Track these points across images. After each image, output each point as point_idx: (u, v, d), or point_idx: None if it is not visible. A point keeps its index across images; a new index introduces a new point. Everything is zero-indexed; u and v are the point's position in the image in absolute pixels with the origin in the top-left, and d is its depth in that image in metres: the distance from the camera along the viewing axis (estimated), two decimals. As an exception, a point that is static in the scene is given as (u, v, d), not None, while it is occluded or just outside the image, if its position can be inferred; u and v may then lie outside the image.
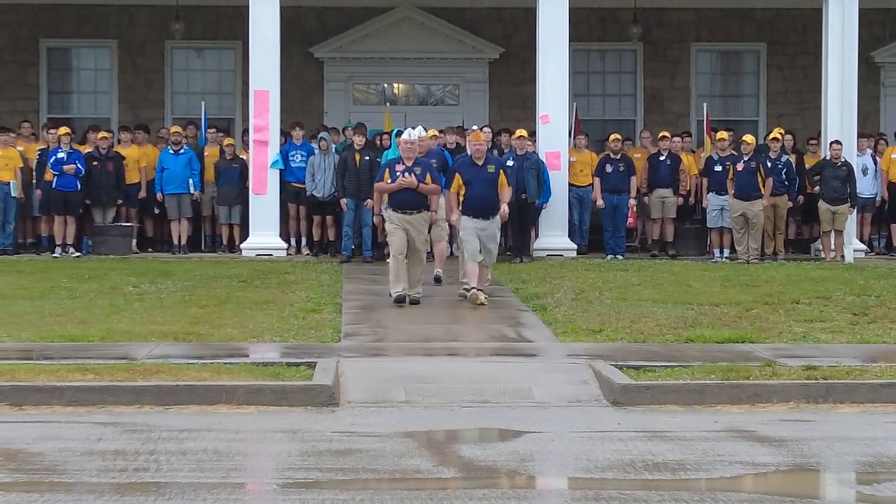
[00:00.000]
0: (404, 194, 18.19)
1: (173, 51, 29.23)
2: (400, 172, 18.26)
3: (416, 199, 18.26)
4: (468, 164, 18.63)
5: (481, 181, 18.36)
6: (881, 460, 10.19)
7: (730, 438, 11.02)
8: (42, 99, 29.04)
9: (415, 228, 18.15)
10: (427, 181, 18.32)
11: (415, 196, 18.23)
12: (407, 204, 18.21)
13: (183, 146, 24.85)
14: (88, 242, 24.47)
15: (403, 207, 18.21)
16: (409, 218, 18.16)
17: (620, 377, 13.03)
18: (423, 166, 18.46)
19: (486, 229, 18.31)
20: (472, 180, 18.33)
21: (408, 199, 18.21)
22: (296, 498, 8.86)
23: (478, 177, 18.37)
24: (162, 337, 15.15)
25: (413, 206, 18.23)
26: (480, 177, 18.37)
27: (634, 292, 18.92)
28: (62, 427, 11.35)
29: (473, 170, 18.44)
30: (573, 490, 9.48)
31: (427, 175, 18.37)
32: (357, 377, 13.36)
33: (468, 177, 18.39)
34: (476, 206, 18.29)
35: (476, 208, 18.29)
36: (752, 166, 23.64)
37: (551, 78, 24.21)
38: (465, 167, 18.63)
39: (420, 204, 18.29)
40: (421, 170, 18.33)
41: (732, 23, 29.54)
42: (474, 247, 18.19)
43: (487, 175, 18.42)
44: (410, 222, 18.15)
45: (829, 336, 15.73)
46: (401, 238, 18.11)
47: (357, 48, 29.10)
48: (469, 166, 18.56)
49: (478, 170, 18.42)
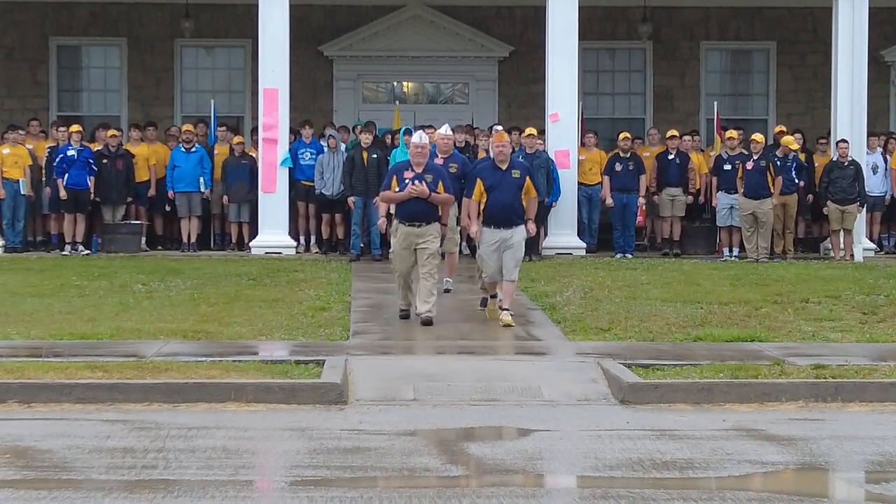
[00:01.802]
0: (413, 204, 16.36)
1: (183, 49, 29.23)
2: (409, 180, 16.36)
3: (426, 210, 16.42)
4: (490, 168, 16.70)
5: (505, 188, 16.47)
6: (890, 459, 10.18)
7: (738, 437, 11.01)
8: (52, 97, 29.05)
9: (424, 242, 16.32)
10: (439, 190, 16.45)
11: (425, 206, 16.40)
12: (416, 215, 16.38)
13: (194, 144, 24.87)
14: (98, 240, 24.48)
15: (412, 219, 16.39)
16: (417, 231, 16.37)
17: (629, 376, 13.03)
18: (434, 173, 16.54)
19: (508, 240, 16.40)
20: (495, 186, 16.46)
21: (417, 209, 16.38)
22: (304, 496, 8.87)
23: (501, 183, 16.47)
24: (171, 335, 15.17)
25: (423, 218, 16.39)
26: (504, 183, 16.48)
27: (643, 291, 18.91)
28: (71, 424, 11.37)
29: (496, 175, 16.53)
30: (581, 488, 9.49)
31: (439, 183, 16.48)
32: (366, 375, 13.36)
33: (490, 182, 16.48)
34: (498, 214, 16.44)
35: (498, 217, 16.45)
36: (761, 165, 23.63)
37: (560, 76, 24.20)
38: (486, 172, 16.68)
39: (430, 215, 16.45)
40: (432, 177, 16.44)
41: (742, 21, 29.50)
42: (493, 268, 16.52)
43: (512, 181, 16.51)
44: (420, 235, 16.35)
45: (838, 335, 15.72)
46: (406, 260, 16.45)
47: (366, 46, 29.09)
48: (491, 171, 16.62)
49: (501, 175, 16.51)
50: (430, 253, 16.34)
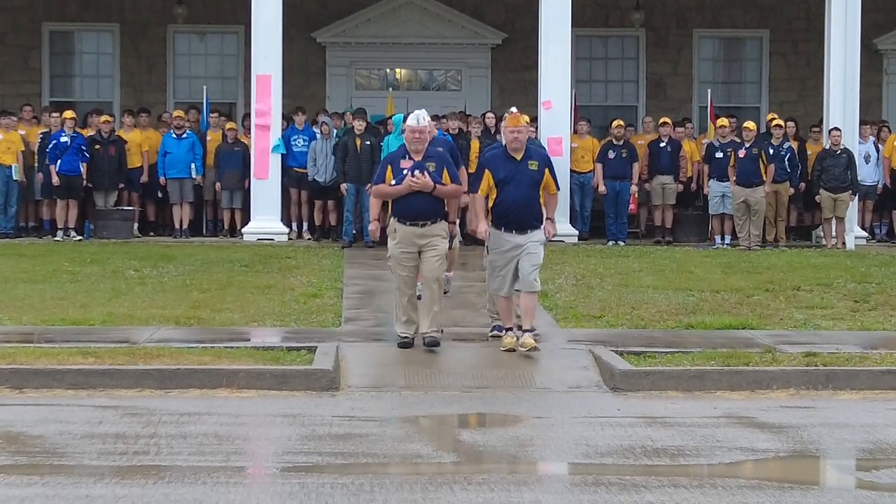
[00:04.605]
0: (414, 199, 13.69)
1: (176, 35, 29.19)
2: (407, 170, 13.72)
3: (430, 206, 13.73)
4: (502, 157, 13.83)
5: (520, 181, 13.64)
6: (881, 447, 10.20)
7: (729, 425, 11.03)
8: (44, 83, 29.00)
9: (429, 245, 13.69)
10: (445, 180, 13.79)
11: (429, 201, 13.71)
12: (418, 212, 13.71)
13: (185, 130, 24.84)
14: (90, 226, 24.46)
15: (414, 217, 13.71)
16: (421, 231, 13.70)
17: (621, 363, 13.05)
18: (438, 160, 13.85)
19: (523, 246, 13.61)
20: (508, 179, 13.64)
21: (419, 205, 13.71)
22: (296, 482, 8.87)
23: (515, 175, 13.64)
24: (163, 321, 15.16)
25: (427, 215, 13.72)
26: (519, 175, 13.65)
27: (635, 279, 18.92)
28: (63, 410, 11.37)
29: (509, 166, 13.69)
30: (573, 475, 9.50)
31: (444, 172, 13.81)
32: (357, 362, 13.37)
33: (502, 175, 13.66)
34: (512, 214, 13.63)
35: (511, 218, 13.64)
36: (753, 153, 23.64)
37: (553, 64, 24.18)
38: (497, 162, 13.80)
39: (435, 211, 13.78)
40: (435, 165, 13.76)
41: (735, 9, 29.50)
42: (502, 281, 13.79)
43: (529, 173, 13.70)
44: (424, 236, 13.71)
45: (829, 323, 15.74)
46: (408, 267, 13.76)
47: (359, 33, 29.07)
48: (503, 161, 13.76)
49: (515, 166, 13.68)
50: (438, 255, 13.73)
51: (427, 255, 13.71)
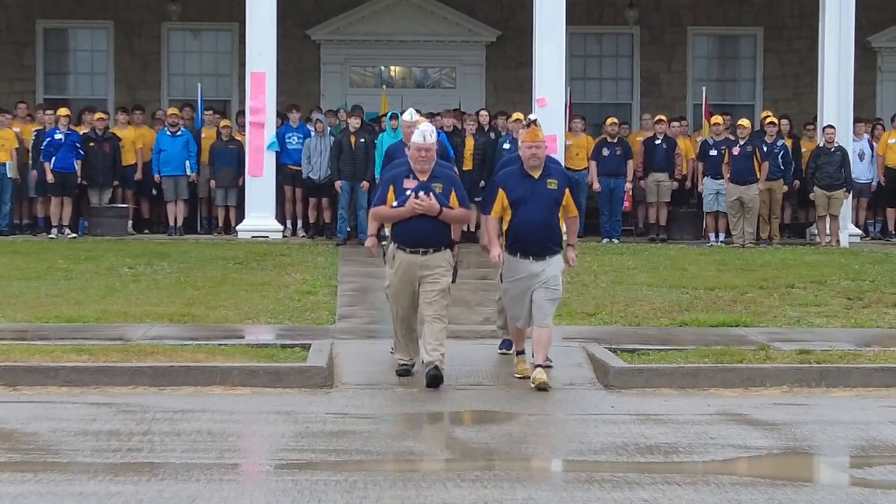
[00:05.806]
0: (417, 224, 12.39)
1: (170, 32, 29.16)
2: (411, 190, 12.41)
3: (434, 232, 12.43)
4: (518, 175, 12.59)
5: (538, 202, 12.46)
6: (874, 444, 10.22)
7: (723, 422, 11.05)
8: (38, 80, 28.95)
9: (431, 276, 12.37)
10: (452, 203, 12.51)
11: (433, 226, 12.41)
12: (421, 239, 12.41)
13: (180, 128, 24.83)
14: (84, 224, 24.45)
15: (415, 244, 12.40)
16: (422, 261, 12.39)
17: (614, 360, 13.06)
18: (445, 181, 12.56)
19: (539, 275, 12.49)
20: (525, 200, 12.45)
21: (423, 231, 12.41)
22: (289, 479, 8.88)
23: (533, 195, 12.46)
24: (157, 318, 15.17)
25: (430, 243, 12.42)
26: (537, 195, 12.46)
27: (630, 276, 18.94)
28: (57, 407, 11.38)
29: (526, 184, 12.49)
30: (566, 472, 9.51)
31: (451, 194, 12.53)
32: (351, 359, 13.38)
33: (518, 194, 12.45)
34: (527, 238, 12.47)
35: (527, 242, 12.48)
36: (748, 150, 23.66)
37: (548, 61, 24.18)
38: (513, 180, 12.58)
39: (440, 238, 12.48)
40: (443, 187, 12.47)
41: (729, 7, 29.49)
42: (517, 311, 12.67)
43: (548, 193, 12.49)
44: (425, 266, 12.39)
45: (823, 320, 15.77)
46: (406, 297, 12.56)
47: (354, 30, 29.05)
48: (519, 179, 12.54)
49: (533, 185, 12.49)
50: (439, 290, 12.41)
51: (426, 289, 12.38)
